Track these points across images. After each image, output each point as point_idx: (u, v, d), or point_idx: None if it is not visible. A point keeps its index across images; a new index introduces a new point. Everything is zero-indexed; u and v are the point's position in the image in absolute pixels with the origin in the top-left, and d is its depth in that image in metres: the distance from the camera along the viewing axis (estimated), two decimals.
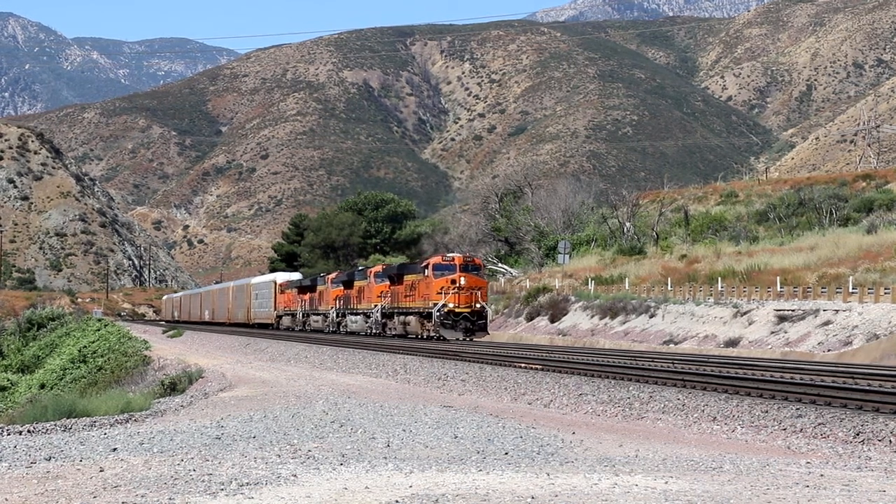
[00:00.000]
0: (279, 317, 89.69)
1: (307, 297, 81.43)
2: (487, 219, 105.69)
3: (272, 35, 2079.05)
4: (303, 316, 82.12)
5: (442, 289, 54.51)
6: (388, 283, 62.54)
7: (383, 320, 63.24)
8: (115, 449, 16.74)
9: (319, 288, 77.78)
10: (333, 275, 76.96)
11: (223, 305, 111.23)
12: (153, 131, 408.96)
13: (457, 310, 54.44)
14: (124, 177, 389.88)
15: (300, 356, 47.32)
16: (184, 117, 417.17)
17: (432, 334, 55.53)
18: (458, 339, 53.54)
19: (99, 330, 74.89)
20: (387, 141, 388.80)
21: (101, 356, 58.62)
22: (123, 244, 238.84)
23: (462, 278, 54.72)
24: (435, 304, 54.55)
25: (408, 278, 58.75)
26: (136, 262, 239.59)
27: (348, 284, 70.62)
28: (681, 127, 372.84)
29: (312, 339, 63.08)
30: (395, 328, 61.45)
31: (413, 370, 35.37)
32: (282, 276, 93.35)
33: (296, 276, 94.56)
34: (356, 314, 68.64)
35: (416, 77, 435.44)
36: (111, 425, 23.37)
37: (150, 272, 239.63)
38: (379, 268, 66.69)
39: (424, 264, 57.02)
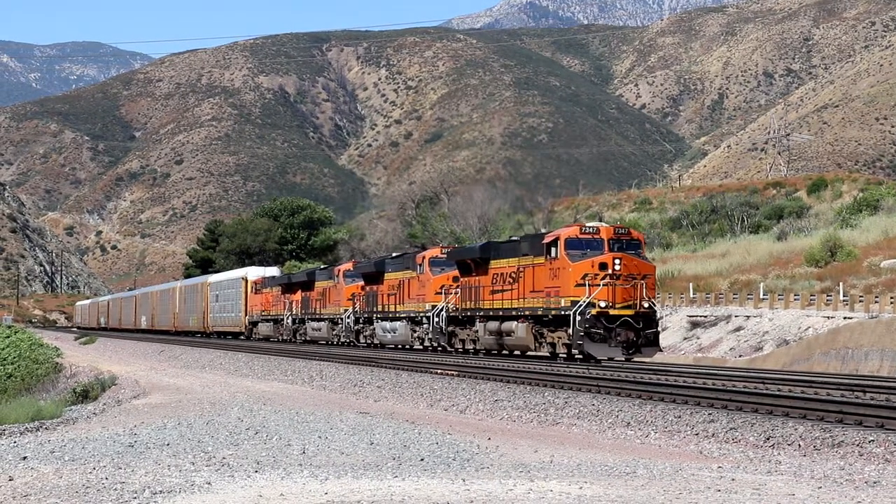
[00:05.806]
0: (253, 324, 73.65)
1: (298, 297, 63.97)
2: (404, 225, 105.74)
3: (187, 40, 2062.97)
4: (294, 322, 65.15)
5: (584, 278, 34.88)
6: (454, 272, 44.47)
7: (449, 328, 44.77)
8: (25, 458, 16.49)
9: (321, 285, 60.21)
10: (347, 265, 59.22)
11: (167, 310, 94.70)
12: (65, 136, 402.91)
13: (612, 312, 34.75)
14: (35, 182, 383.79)
15: (215, 363, 46.99)
16: (97, 122, 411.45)
17: (562, 351, 36.56)
18: (611, 359, 35.52)
19: (9, 337, 73.50)
20: (303, 147, 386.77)
21: (11, 363, 57.69)
22: (34, 250, 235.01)
23: (616, 261, 35.14)
24: (574, 303, 34.76)
25: (501, 264, 39.87)
26: (48, 268, 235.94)
27: (374, 278, 52.62)
28: (595, 134, 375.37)
29: (240, 347, 62.36)
30: (471, 339, 43.29)
31: (329, 377, 35.25)
32: (255, 272, 76.65)
33: (273, 271, 77.83)
34: (392, 319, 50.24)
35: (333, 83, 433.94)
36: (21, 433, 23.04)
37: (61, 278, 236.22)
38: (437, 251, 47.96)
39: (549, 240, 36.74)
